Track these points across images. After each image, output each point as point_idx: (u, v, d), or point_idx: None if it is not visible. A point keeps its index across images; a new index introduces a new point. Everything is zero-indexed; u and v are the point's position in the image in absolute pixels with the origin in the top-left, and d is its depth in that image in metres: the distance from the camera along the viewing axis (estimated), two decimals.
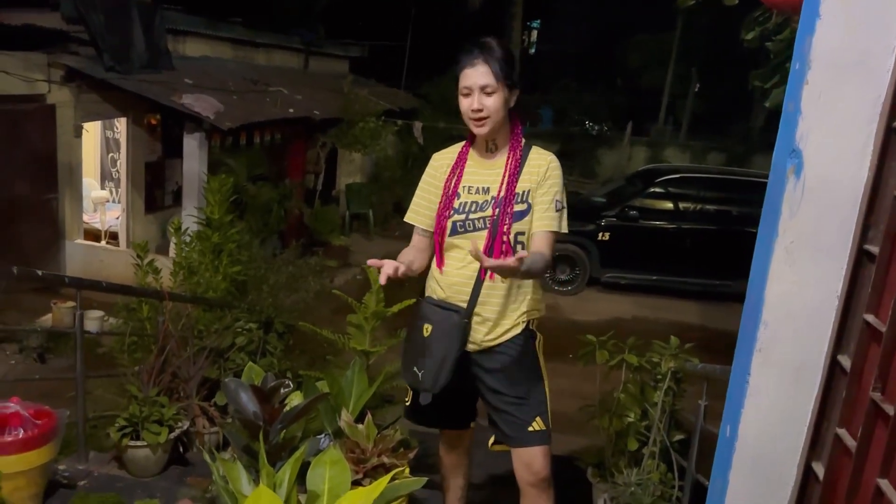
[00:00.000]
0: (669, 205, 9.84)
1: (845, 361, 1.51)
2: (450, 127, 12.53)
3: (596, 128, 18.14)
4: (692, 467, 2.89)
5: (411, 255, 2.31)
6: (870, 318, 1.42)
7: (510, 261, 1.85)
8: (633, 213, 9.69)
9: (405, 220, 2.37)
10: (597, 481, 3.38)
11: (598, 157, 17.40)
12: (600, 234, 9.68)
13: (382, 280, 2.07)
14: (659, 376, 3.37)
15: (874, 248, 1.43)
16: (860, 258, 1.48)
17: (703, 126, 18.20)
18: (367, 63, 14.48)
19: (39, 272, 2.92)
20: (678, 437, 3.29)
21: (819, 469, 1.58)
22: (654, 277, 9.76)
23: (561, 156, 2.32)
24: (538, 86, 19.56)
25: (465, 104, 2.16)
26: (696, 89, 18.68)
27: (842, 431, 1.50)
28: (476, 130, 2.16)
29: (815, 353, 1.57)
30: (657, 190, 9.89)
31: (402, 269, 2.10)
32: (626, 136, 17.30)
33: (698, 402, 2.90)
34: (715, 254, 9.42)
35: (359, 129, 10.46)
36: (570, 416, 3.50)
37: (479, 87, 2.11)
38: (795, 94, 1.52)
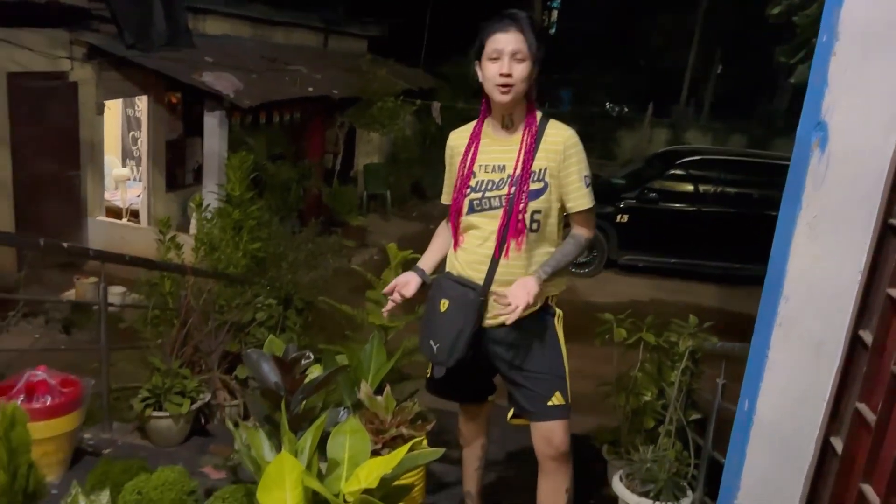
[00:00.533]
0: (689, 187, 9.74)
1: (867, 336, 1.50)
2: (468, 107, 12.47)
3: (616, 109, 17.99)
4: (709, 444, 2.89)
5: (444, 234, 2.40)
6: (893, 292, 1.41)
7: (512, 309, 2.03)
8: (653, 195, 9.62)
9: (442, 202, 2.39)
10: (612, 458, 3.40)
11: (617, 138, 17.27)
12: (618, 216, 9.62)
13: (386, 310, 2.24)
14: (676, 356, 3.37)
15: None
16: (884, 232, 1.47)
17: (725, 108, 17.96)
18: (386, 42, 14.41)
19: (65, 244, 2.96)
20: (694, 416, 3.29)
21: (837, 444, 1.58)
22: (673, 260, 9.70)
23: (581, 137, 2.30)
24: (558, 67, 19.40)
25: (493, 69, 2.10)
26: (719, 71, 18.43)
27: (862, 406, 1.50)
28: (499, 98, 2.12)
29: (836, 327, 1.56)
30: (677, 172, 9.79)
31: (411, 288, 2.31)
32: (646, 117, 17.13)
33: (716, 380, 2.90)
34: (735, 237, 9.34)
35: (377, 108, 10.45)
36: (586, 397, 3.51)
37: (510, 53, 2.08)
38: (822, 66, 1.51)
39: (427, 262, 2.41)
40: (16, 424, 1.79)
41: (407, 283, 2.32)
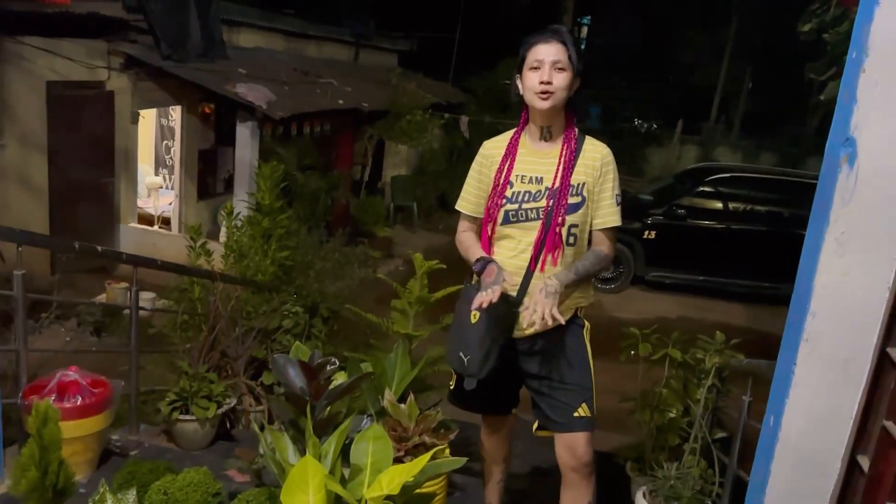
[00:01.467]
0: (718, 204, 9.66)
1: (895, 354, 1.49)
2: (496, 122, 12.51)
3: (645, 125, 17.90)
4: (734, 462, 2.86)
5: (475, 238, 2.35)
6: None
7: (539, 316, 2.00)
8: (681, 211, 9.56)
9: (456, 207, 2.38)
10: (635, 475, 3.38)
11: (646, 154, 17.19)
12: (646, 233, 9.57)
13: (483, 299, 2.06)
14: (703, 373, 3.35)
15: None
16: None
17: (756, 125, 17.79)
18: (416, 56, 14.55)
19: (99, 248, 3.02)
20: (720, 434, 3.26)
21: (864, 462, 1.56)
22: (701, 278, 9.61)
23: None
24: (587, 82, 19.34)
25: (534, 77, 2.15)
26: (750, 87, 18.27)
27: (889, 424, 1.48)
28: (539, 104, 2.15)
29: (863, 344, 1.55)
30: (706, 189, 9.72)
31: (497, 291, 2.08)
32: (675, 134, 17.03)
33: (742, 397, 2.87)
34: (764, 256, 9.23)
35: (406, 121, 10.53)
36: (610, 412, 3.49)
37: (551, 62, 2.12)
38: (851, 82, 1.51)
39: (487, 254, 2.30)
40: (48, 422, 1.83)
41: (504, 278, 2.13)
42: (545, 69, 2.13)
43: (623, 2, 21.13)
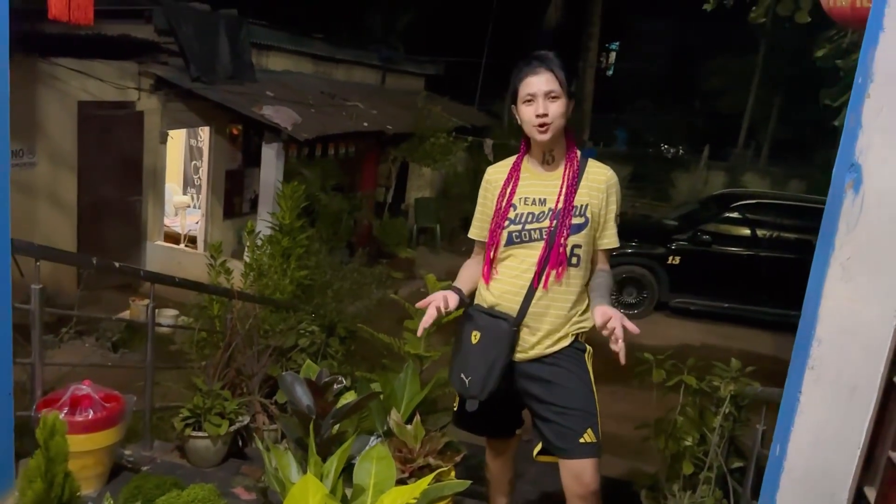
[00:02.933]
0: (745, 231, 9.55)
1: None
2: (520, 145, 12.53)
3: (671, 150, 17.82)
4: (747, 493, 2.80)
5: (473, 267, 2.38)
6: None
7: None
8: (706, 237, 9.46)
9: (469, 235, 2.41)
10: None
11: (672, 179, 17.07)
12: (670, 258, 9.48)
13: (424, 324, 2.17)
14: (719, 401, 3.29)
15: None
16: None
17: (784, 152, 17.61)
18: (443, 80, 14.69)
19: (117, 264, 3.08)
20: (736, 464, 3.20)
21: (871, 493, 1.53)
22: (726, 305, 9.48)
23: (634, 177, 2.36)
24: (614, 106, 19.37)
25: (529, 111, 2.17)
26: (778, 114, 18.12)
27: (895, 455, 1.45)
28: (539, 137, 2.18)
29: (869, 372, 1.52)
30: (732, 215, 9.62)
31: (450, 302, 2.20)
32: (702, 159, 16.92)
33: (756, 426, 2.82)
34: (790, 283, 9.03)
35: (430, 144, 10.61)
36: (626, 439, 3.45)
37: (544, 93, 2.14)
38: (857, 107, 1.49)
39: (461, 284, 2.37)
40: (55, 434, 1.86)
41: (444, 297, 2.22)
42: (539, 101, 2.15)
43: (651, 28, 21.20)
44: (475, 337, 2.22)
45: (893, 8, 1.42)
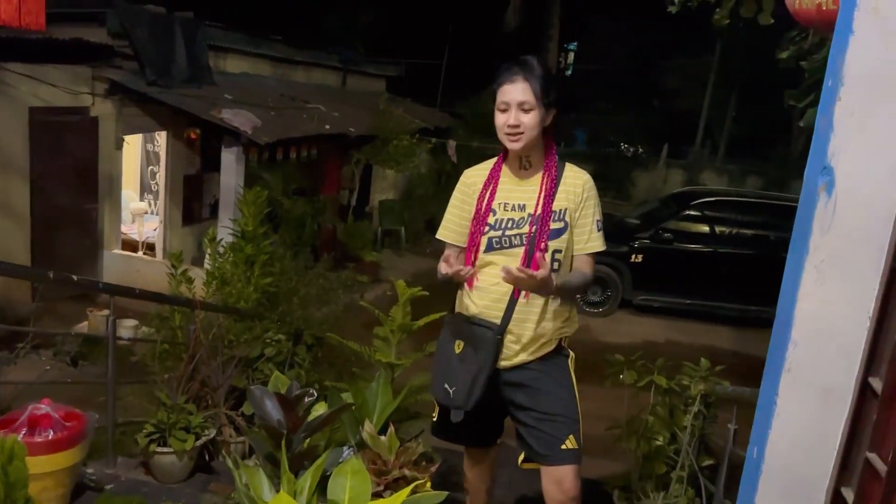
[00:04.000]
0: (705, 228, 9.71)
1: (876, 384, 1.47)
2: (484, 146, 12.55)
3: (631, 150, 18.03)
4: (720, 493, 2.82)
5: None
6: None
7: (541, 273, 1.90)
8: (668, 235, 9.59)
9: (437, 237, 2.37)
10: None
11: (632, 178, 17.29)
12: (633, 256, 9.58)
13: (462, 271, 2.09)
14: (689, 399, 3.32)
15: None
16: (893, 277, 1.44)
17: (741, 149, 17.96)
18: (404, 82, 14.64)
19: (74, 277, 2.97)
20: (707, 462, 3.23)
21: (848, 494, 1.53)
22: (688, 301, 9.62)
23: (595, 177, 2.33)
24: (573, 107, 19.52)
25: (502, 119, 2.16)
26: (734, 113, 18.46)
27: (872, 456, 1.45)
28: (510, 145, 2.17)
29: (845, 373, 1.53)
30: (692, 213, 9.78)
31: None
32: (661, 158, 17.15)
33: (728, 425, 2.84)
34: (751, 279, 9.26)
35: (393, 146, 10.55)
36: (597, 439, 3.45)
37: (517, 104, 2.13)
38: (828, 110, 1.50)
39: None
40: (14, 458, 1.77)
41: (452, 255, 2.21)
42: (511, 111, 2.14)
43: (609, 28, 21.39)
44: (458, 346, 2.19)
45: (863, 11, 1.43)
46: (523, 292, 2.18)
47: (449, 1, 16.92)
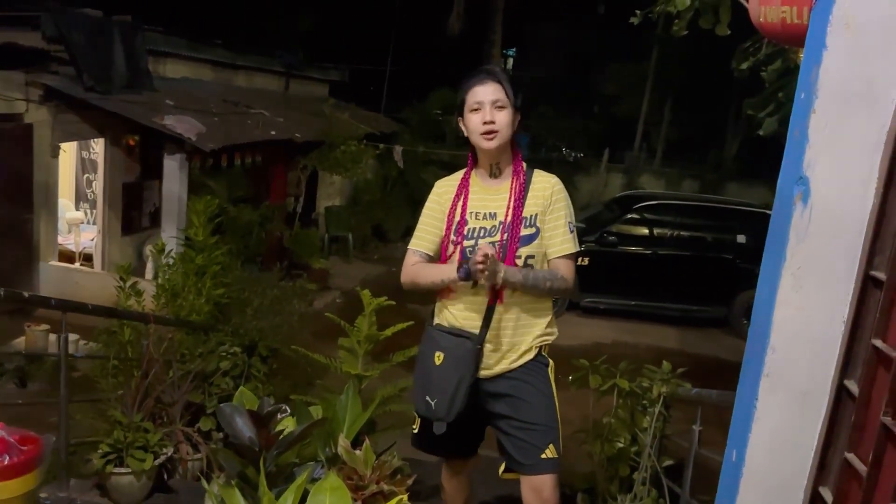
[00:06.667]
0: (646, 231, 9.94)
1: (852, 386, 1.52)
2: (429, 151, 12.57)
3: (573, 154, 18.32)
4: (686, 492, 2.88)
5: (435, 264, 2.32)
6: (878, 343, 1.43)
7: (478, 256, 1.96)
8: (612, 238, 9.77)
9: (411, 247, 2.34)
10: None
11: (574, 183, 17.52)
12: (579, 259, 9.69)
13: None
14: (645, 402, 3.38)
15: (881, 275, 1.45)
16: (866, 284, 1.50)
17: (677, 153, 18.46)
18: (347, 87, 14.54)
19: (26, 294, 2.85)
20: (667, 462, 3.29)
21: (827, 494, 1.58)
22: (633, 302, 9.82)
23: None
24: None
25: (476, 119, 2.18)
26: (670, 117, 18.97)
27: (850, 456, 1.50)
28: (485, 145, 2.17)
29: (821, 378, 1.58)
30: (634, 216, 9.99)
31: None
32: (602, 162, 17.49)
33: (692, 426, 2.91)
34: (691, 279, 9.53)
35: (340, 152, 10.46)
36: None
37: (491, 102, 2.16)
38: (802, 122, 1.55)
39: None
40: None
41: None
42: (486, 109, 2.16)
43: (547, 35, 21.71)
44: (439, 358, 2.18)
45: (835, 27, 1.48)
46: (499, 298, 2.18)
47: (391, 6, 16.89)
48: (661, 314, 9.74)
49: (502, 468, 2.29)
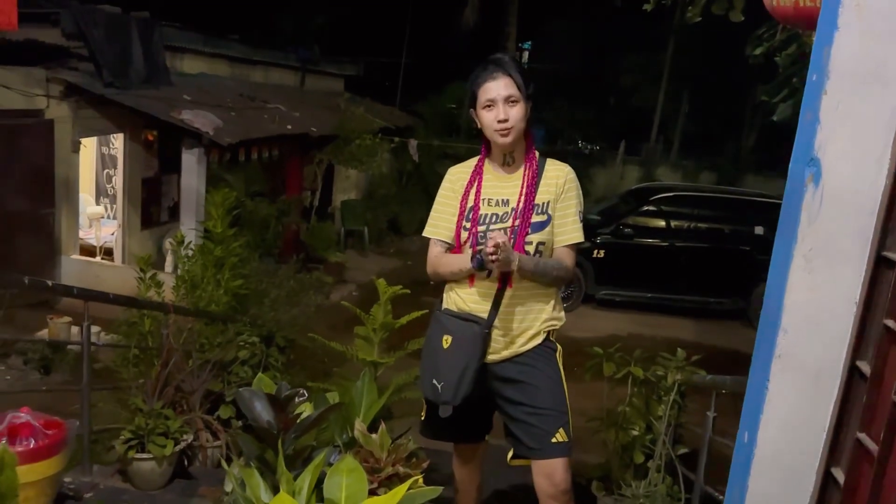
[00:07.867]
0: (662, 223, 9.89)
1: (864, 367, 1.53)
2: (444, 144, 12.58)
3: (589, 147, 18.25)
4: (700, 479, 2.89)
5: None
6: (890, 322, 1.44)
7: (489, 247, 1.96)
8: (628, 230, 9.75)
9: (426, 234, 2.35)
10: (602, 495, 3.38)
11: (591, 175, 17.48)
12: (595, 252, 9.71)
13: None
14: (662, 391, 3.39)
15: (893, 255, 1.45)
16: (878, 264, 1.50)
17: (694, 145, 18.32)
18: (363, 81, 14.59)
19: (49, 283, 2.91)
20: (682, 450, 3.30)
21: (839, 474, 1.59)
22: (649, 295, 9.80)
23: None
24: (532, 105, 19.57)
25: (490, 116, 2.18)
26: (688, 109, 18.83)
27: (862, 436, 1.51)
28: (501, 141, 2.18)
29: (834, 358, 1.59)
30: (651, 208, 9.95)
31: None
32: (618, 154, 17.41)
33: (707, 413, 2.91)
34: (709, 271, 9.48)
35: (355, 146, 10.51)
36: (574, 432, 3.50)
37: (504, 98, 2.15)
38: (813, 104, 1.55)
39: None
40: (4, 468, 1.74)
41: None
42: (499, 107, 2.16)
43: (563, 27, 21.60)
44: (446, 342, 2.20)
45: (847, 8, 1.49)
46: (508, 282, 2.20)
47: (406, 0, 16.89)
48: (678, 307, 9.70)
49: (510, 455, 2.30)
